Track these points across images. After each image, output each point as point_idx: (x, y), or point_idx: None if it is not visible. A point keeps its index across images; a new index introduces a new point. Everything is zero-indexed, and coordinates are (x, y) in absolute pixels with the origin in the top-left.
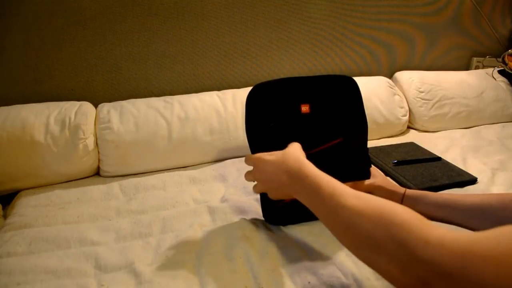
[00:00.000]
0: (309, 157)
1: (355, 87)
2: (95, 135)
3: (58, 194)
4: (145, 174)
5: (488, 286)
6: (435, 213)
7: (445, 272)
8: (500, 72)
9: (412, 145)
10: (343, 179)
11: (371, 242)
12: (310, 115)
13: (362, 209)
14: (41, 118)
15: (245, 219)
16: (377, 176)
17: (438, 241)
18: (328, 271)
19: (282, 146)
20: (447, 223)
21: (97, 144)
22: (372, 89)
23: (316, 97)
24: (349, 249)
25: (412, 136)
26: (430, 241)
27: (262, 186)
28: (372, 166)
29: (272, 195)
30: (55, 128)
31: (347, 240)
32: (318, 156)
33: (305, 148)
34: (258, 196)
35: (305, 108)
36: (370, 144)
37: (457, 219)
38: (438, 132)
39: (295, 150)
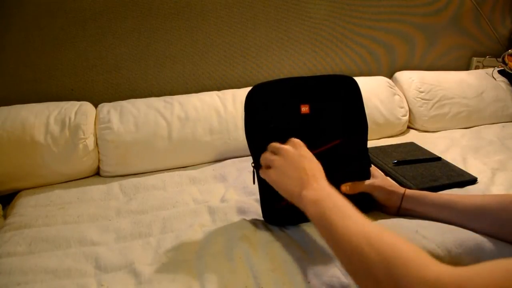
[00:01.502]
0: None
1: (355, 87)
2: (95, 135)
3: (58, 194)
4: (145, 174)
5: None
6: (435, 214)
7: None
8: (500, 72)
9: (412, 145)
10: (343, 180)
11: (370, 273)
12: (310, 115)
13: (374, 237)
14: (41, 118)
15: (245, 219)
16: (377, 176)
17: (435, 279)
18: (328, 271)
19: None
20: (447, 223)
21: (97, 144)
22: (372, 89)
23: (316, 97)
24: (346, 269)
25: (412, 136)
26: (428, 280)
27: (274, 176)
28: (372, 166)
29: (279, 188)
30: (55, 128)
31: (348, 261)
32: (319, 157)
33: None
34: (258, 196)
35: (304, 109)
36: (370, 144)
37: (457, 219)
38: (438, 132)
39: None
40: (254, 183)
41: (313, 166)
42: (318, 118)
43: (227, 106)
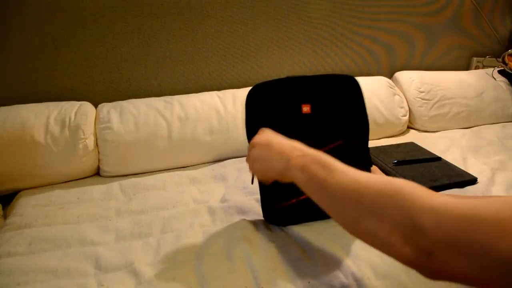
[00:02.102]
0: None
1: (357, 87)
2: (95, 135)
3: (58, 194)
4: (145, 174)
5: (492, 249)
6: None
7: (449, 238)
8: (500, 72)
9: (412, 145)
10: None
11: (373, 210)
12: (311, 115)
13: (367, 181)
14: (41, 118)
15: (245, 219)
16: None
17: (443, 207)
18: (328, 271)
19: None
20: None
21: (97, 144)
22: (372, 89)
23: (317, 97)
24: (346, 224)
25: (412, 136)
26: (435, 207)
27: (258, 166)
28: (373, 166)
29: (268, 175)
30: (55, 128)
31: (347, 211)
32: None
33: None
34: (258, 196)
35: (306, 108)
36: (370, 144)
37: None
38: (438, 132)
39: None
40: (252, 183)
41: (283, 141)
42: (319, 118)
43: (227, 106)
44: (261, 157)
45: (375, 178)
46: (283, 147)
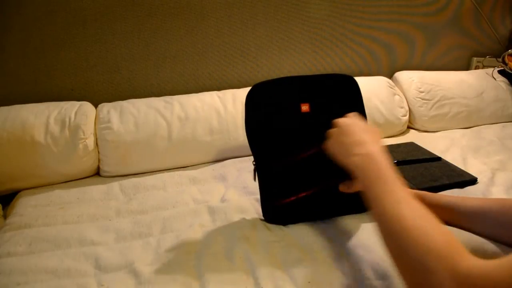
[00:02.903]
0: (309, 156)
1: (355, 86)
2: (95, 135)
3: (58, 194)
4: (145, 174)
5: None
6: (435, 215)
7: None
8: (500, 72)
9: (412, 145)
10: (342, 179)
11: (405, 259)
12: (310, 114)
13: (406, 225)
14: (41, 118)
15: (245, 219)
16: None
17: (466, 274)
18: (328, 271)
19: (282, 145)
20: (447, 225)
21: (97, 144)
22: (372, 89)
23: (316, 96)
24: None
25: (412, 136)
26: (458, 275)
27: (330, 146)
28: None
29: (335, 158)
30: (55, 128)
31: (386, 245)
32: (319, 155)
33: (304, 148)
34: (258, 196)
35: (305, 107)
36: None
37: (457, 221)
38: (438, 132)
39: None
40: (254, 180)
41: (361, 132)
42: (318, 117)
43: (227, 106)
44: (336, 139)
45: (415, 223)
46: (356, 139)
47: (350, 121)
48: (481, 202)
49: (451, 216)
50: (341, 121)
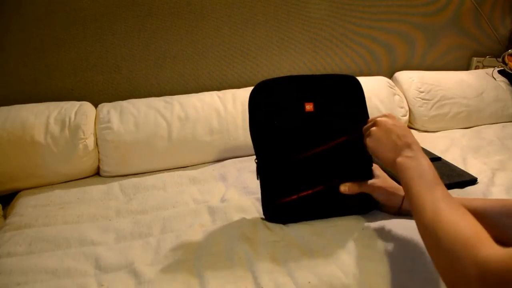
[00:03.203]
0: (313, 156)
1: (358, 87)
2: (95, 135)
3: (58, 194)
4: (145, 174)
5: None
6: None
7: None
8: (500, 72)
9: None
10: (346, 179)
11: (439, 250)
12: (314, 113)
13: (440, 217)
14: (41, 118)
15: (245, 218)
16: (378, 176)
17: (484, 261)
18: (328, 270)
19: (286, 144)
20: None
21: (97, 144)
22: (372, 89)
23: (320, 96)
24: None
25: None
26: (477, 261)
27: (371, 143)
28: (374, 165)
29: (376, 155)
30: (55, 128)
31: (423, 236)
32: (322, 155)
33: (309, 147)
34: (259, 195)
35: (309, 107)
36: None
37: None
38: (438, 132)
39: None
40: (258, 178)
41: (406, 134)
42: (322, 117)
43: (227, 106)
44: (378, 138)
45: (449, 215)
46: (405, 141)
47: (393, 121)
48: (481, 203)
49: None
50: (383, 120)
